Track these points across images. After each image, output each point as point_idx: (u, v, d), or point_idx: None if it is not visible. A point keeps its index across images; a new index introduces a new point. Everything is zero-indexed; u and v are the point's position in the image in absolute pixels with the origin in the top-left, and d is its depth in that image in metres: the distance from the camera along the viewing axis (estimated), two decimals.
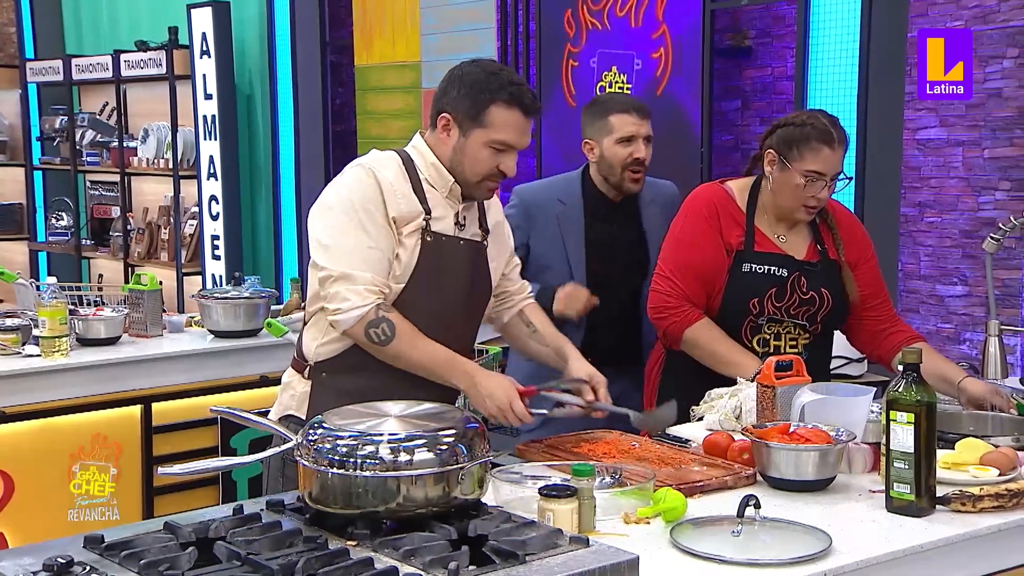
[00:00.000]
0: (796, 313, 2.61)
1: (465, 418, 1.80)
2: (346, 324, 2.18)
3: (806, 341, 2.64)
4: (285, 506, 1.79)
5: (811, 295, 2.61)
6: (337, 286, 2.17)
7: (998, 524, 1.92)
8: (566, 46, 4.93)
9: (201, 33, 6.38)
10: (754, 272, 2.59)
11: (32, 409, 3.39)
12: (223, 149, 6.42)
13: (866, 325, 2.68)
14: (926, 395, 1.93)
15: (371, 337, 2.17)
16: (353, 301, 2.16)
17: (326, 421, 1.77)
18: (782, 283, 2.60)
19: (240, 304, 3.84)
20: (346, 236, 2.18)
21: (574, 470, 1.84)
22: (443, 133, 2.25)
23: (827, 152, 2.49)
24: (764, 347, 2.63)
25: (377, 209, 2.19)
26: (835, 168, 2.51)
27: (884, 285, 2.73)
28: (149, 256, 6.99)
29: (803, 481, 2.04)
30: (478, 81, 2.22)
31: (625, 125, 2.97)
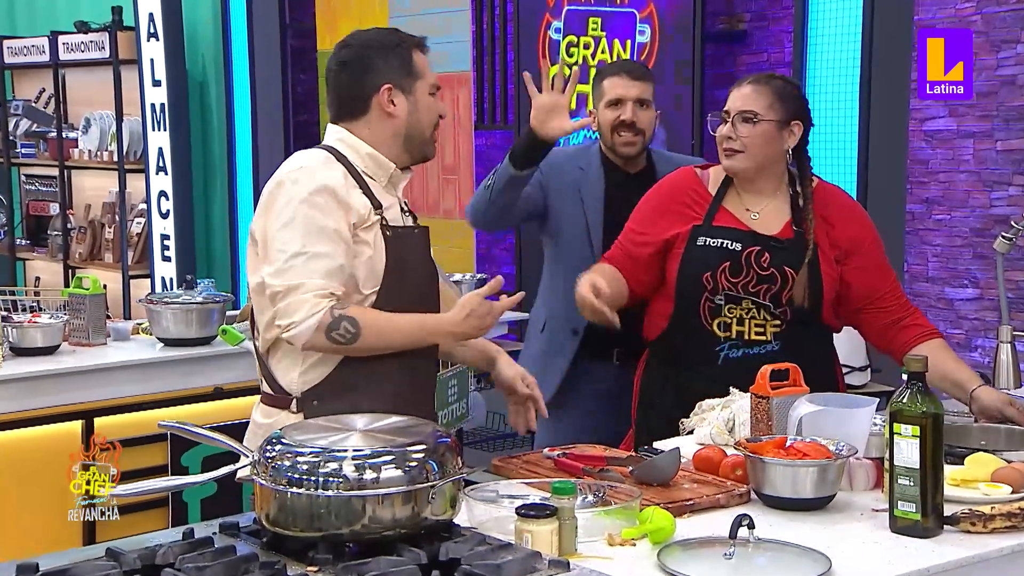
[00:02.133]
0: (756, 291, 2.61)
1: (436, 432, 1.81)
2: (303, 337, 2.19)
3: (776, 329, 2.62)
4: (240, 529, 1.80)
5: (771, 271, 2.60)
6: (284, 300, 2.19)
7: (1011, 545, 1.94)
8: (545, 16, 4.95)
9: (148, 13, 6.36)
10: (707, 245, 2.64)
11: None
12: (173, 141, 6.40)
13: (875, 319, 2.68)
14: (932, 406, 1.95)
15: (336, 340, 2.19)
16: (304, 311, 2.17)
17: (285, 436, 1.77)
18: (736, 257, 2.62)
19: (192, 310, 3.83)
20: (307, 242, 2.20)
21: (554, 488, 1.85)
22: (389, 107, 2.31)
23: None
24: (726, 331, 2.63)
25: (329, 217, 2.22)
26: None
27: (891, 275, 2.72)
28: (92, 257, 6.95)
29: (801, 499, 2.06)
30: (385, 42, 2.34)
31: (614, 87, 3.08)
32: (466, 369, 3.64)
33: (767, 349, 2.61)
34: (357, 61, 2.32)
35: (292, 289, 2.18)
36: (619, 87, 3.08)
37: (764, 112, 2.60)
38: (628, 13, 4.70)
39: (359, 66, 2.32)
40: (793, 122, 2.63)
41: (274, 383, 2.32)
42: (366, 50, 2.32)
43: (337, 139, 2.35)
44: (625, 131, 3.07)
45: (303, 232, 2.20)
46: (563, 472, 2.22)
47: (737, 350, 2.63)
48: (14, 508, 3.46)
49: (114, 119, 6.60)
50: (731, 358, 2.63)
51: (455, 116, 5.38)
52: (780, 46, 4.86)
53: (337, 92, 2.35)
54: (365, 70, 2.31)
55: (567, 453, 2.32)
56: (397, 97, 2.31)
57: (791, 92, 2.66)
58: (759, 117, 2.59)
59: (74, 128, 7.02)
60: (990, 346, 2.72)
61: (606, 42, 4.78)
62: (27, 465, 3.47)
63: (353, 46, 2.35)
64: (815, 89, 4.19)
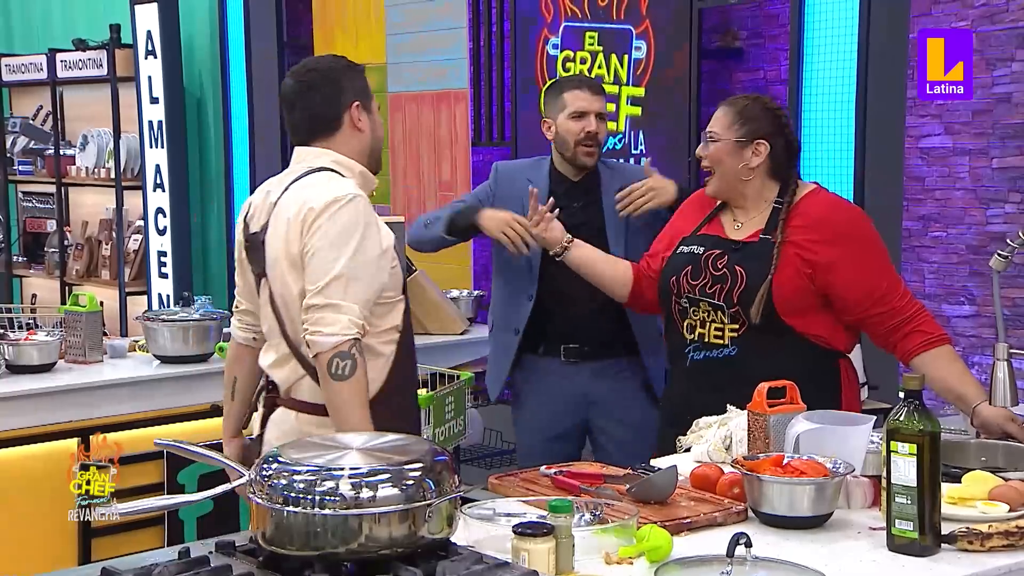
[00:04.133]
0: (712, 292, 2.68)
1: (433, 450, 1.81)
2: (320, 347, 2.30)
3: (734, 333, 2.64)
4: (236, 548, 1.79)
5: (723, 271, 2.68)
6: (320, 313, 2.32)
7: (1008, 564, 1.94)
8: (542, 32, 4.97)
9: (146, 31, 6.38)
10: (679, 252, 2.79)
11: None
12: (171, 157, 6.41)
13: (878, 323, 2.67)
14: (929, 424, 1.95)
15: (332, 367, 2.30)
16: (336, 328, 2.30)
17: (282, 455, 1.77)
18: (697, 260, 2.73)
19: (189, 327, 3.84)
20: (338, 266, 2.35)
21: (551, 506, 1.85)
22: (359, 123, 2.49)
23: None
24: (691, 334, 2.73)
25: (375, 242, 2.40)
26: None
27: (887, 278, 2.68)
28: (88, 274, 6.95)
29: (798, 517, 2.06)
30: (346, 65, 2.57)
31: (577, 100, 3.30)
32: (463, 386, 3.65)
33: (725, 353, 2.67)
34: (327, 82, 2.48)
35: (332, 307, 2.31)
36: (582, 100, 3.30)
37: (723, 132, 2.71)
38: (625, 29, 4.72)
39: (330, 87, 2.48)
40: (757, 141, 2.68)
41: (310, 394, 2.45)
42: (333, 72, 2.50)
43: (334, 161, 2.45)
44: (589, 142, 3.29)
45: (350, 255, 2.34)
46: (560, 490, 2.23)
47: (700, 352, 2.72)
48: (9, 526, 3.46)
49: (112, 136, 6.61)
50: (696, 360, 2.72)
51: (452, 133, 5.39)
52: (776, 63, 4.88)
53: (309, 112, 2.48)
54: (337, 90, 2.47)
55: (564, 471, 2.32)
56: (363, 114, 2.48)
57: (757, 112, 2.71)
58: (716, 136, 2.72)
59: (71, 145, 7.03)
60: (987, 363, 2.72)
61: (603, 57, 4.79)
62: (23, 483, 3.47)
63: (319, 70, 2.52)
64: (811, 106, 4.20)
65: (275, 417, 2.53)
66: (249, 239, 2.53)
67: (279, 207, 2.46)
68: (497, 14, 5.23)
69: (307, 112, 2.49)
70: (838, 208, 2.77)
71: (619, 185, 3.35)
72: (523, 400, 3.49)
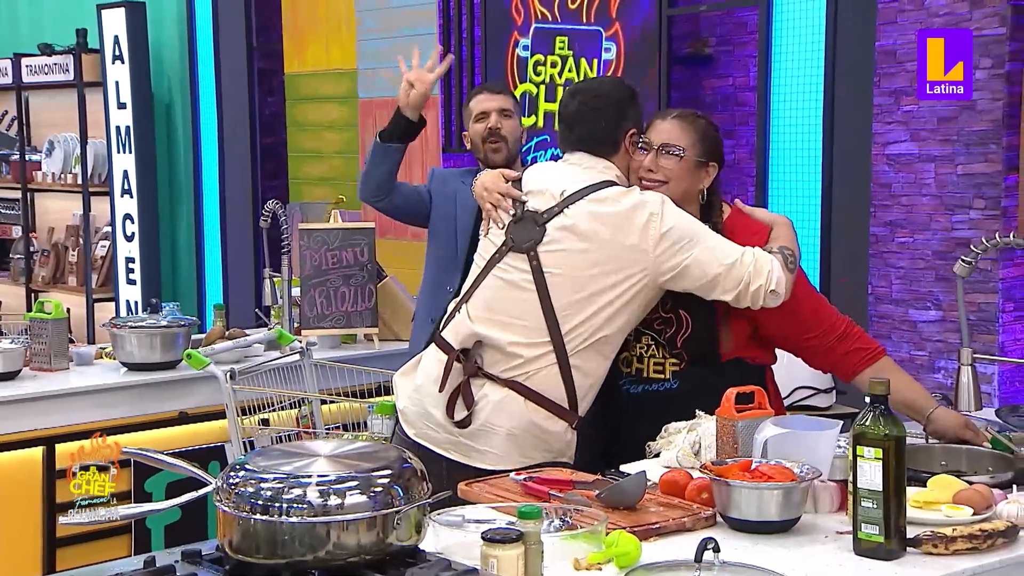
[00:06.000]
0: (658, 330, 2.62)
1: (401, 457, 1.81)
2: (783, 288, 2.50)
3: (675, 367, 2.62)
4: (202, 557, 1.78)
5: (669, 315, 2.61)
6: (746, 265, 2.49)
7: (972, 567, 1.96)
8: (513, 35, 4.98)
9: (113, 36, 6.34)
10: None
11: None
12: (139, 163, 6.38)
13: (812, 351, 2.65)
14: (895, 429, 1.97)
15: (791, 271, 2.53)
16: (773, 268, 2.49)
17: (249, 463, 1.77)
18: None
19: (157, 333, 3.81)
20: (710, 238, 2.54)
21: (520, 512, 1.85)
22: (630, 147, 2.65)
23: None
24: (627, 367, 2.65)
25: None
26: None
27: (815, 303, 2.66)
28: (55, 281, 6.90)
29: (766, 522, 2.07)
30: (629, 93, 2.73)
31: (479, 104, 3.45)
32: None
33: (665, 387, 2.62)
34: (614, 107, 2.63)
35: (740, 259, 2.49)
36: (483, 102, 3.44)
37: (689, 148, 2.62)
38: (594, 31, 4.74)
39: (615, 111, 2.63)
40: (711, 163, 2.65)
41: (572, 395, 2.51)
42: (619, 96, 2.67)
43: (616, 175, 2.61)
44: (492, 138, 3.39)
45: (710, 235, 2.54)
46: (530, 496, 2.23)
47: (636, 386, 2.65)
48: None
49: (78, 142, 6.57)
50: (633, 393, 2.65)
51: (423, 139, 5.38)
52: (745, 70, 4.91)
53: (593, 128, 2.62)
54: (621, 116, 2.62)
55: (534, 477, 2.33)
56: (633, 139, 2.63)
57: (712, 134, 2.67)
58: (684, 152, 2.61)
59: (37, 151, 6.98)
60: (953, 367, 2.74)
61: (573, 61, 4.82)
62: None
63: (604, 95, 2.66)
64: (779, 112, 4.24)
65: (495, 396, 2.50)
66: (526, 215, 2.58)
67: (589, 207, 2.53)
68: (468, 20, 5.24)
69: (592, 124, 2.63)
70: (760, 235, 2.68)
71: None
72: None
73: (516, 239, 2.56)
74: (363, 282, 4.13)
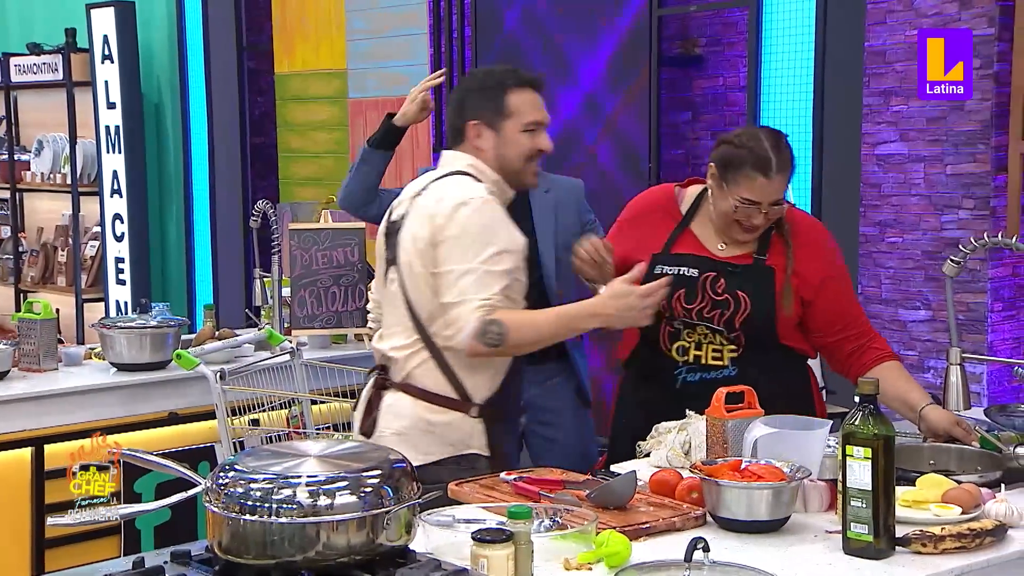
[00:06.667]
0: (710, 316, 2.63)
1: (391, 457, 1.81)
2: (464, 343, 2.38)
3: (733, 354, 2.65)
4: (192, 557, 1.78)
5: (725, 296, 2.63)
6: (453, 312, 2.40)
7: (960, 566, 1.97)
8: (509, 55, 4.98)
9: (103, 35, 6.32)
10: (664, 274, 2.64)
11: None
12: (128, 163, 6.36)
13: (840, 346, 2.72)
14: (883, 428, 1.97)
15: (488, 343, 2.37)
16: (464, 320, 2.37)
17: (239, 463, 1.76)
18: (692, 283, 2.64)
19: (146, 334, 3.80)
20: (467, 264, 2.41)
21: (510, 512, 1.85)
22: (477, 139, 2.54)
23: (762, 181, 2.56)
24: (683, 356, 2.67)
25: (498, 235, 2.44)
26: (770, 196, 2.58)
27: (857, 304, 2.79)
28: (44, 281, 6.87)
29: (755, 522, 2.07)
30: (488, 79, 2.59)
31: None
32: None
33: (724, 374, 2.64)
34: (456, 94, 2.60)
35: (461, 303, 2.39)
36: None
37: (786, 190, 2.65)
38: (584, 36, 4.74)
39: (458, 99, 2.58)
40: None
41: (459, 387, 2.47)
42: (461, 85, 2.63)
43: (469, 164, 2.55)
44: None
45: (483, 257, 2.40)
46: (520, 496, 2.23)
47: (695, 374, 2.66)
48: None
49: (67, 142, 6.54)
50: (689, 382, 2.66)
51: (414, 139, 5.39)
52: (735, 70, 4.92)
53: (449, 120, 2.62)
54: (462, 105, 2.57)
55: (524, 477, 2.33)
56: (484, 132, 2.53)
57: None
58: (786, 198, 2.65)
59: (26, 150, 6.95)
60: (942, 367, 2.75)
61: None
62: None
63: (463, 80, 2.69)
64: (769, 112, 4.25)
65: (388, 401, 2.54)
66: (388, 227, 2.61)
67: (418, 201, 2.53)
68: (458, 20, 5.24)
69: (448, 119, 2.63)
70: (820, 228, 2.79)
71: (545, 189, 3.40)
72: None
73: (388, 253, 2.60)
74: (353, 282, 4.12)
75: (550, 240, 3.39)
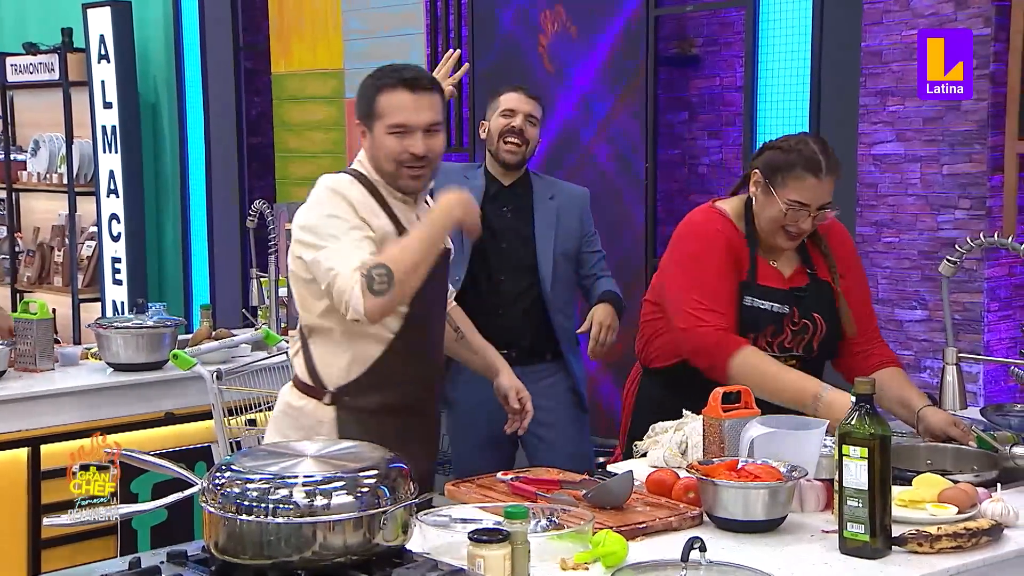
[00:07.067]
0: (790, 346, 2.66)
1: (388, 457, 1.81)
2: (358, 312, 2.28)
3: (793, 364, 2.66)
4: (188, 557, 1.78)
5: (803, 323, 2.66)
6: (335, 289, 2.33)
7: (956, 566, 1.97)
8: (508, 54, 4.98)
9: (99, 35, 6.31)
10: (756, 307, 2.63)
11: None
12: (125, 163, 6.35)
13: (849, 347, 2.73)
14: (880, 428, 1.98)
15: (379, 289, 2.28)
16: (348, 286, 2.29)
17: (235, 463, 1.76)
18: (780, 320, 2.65)
19: (143, 334, 3.79)
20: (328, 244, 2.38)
21: (507, 512, 1.85)
22: (362, 140, 2.52)
23: (812, 182, 2.57)
24: None
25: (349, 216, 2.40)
26: (820, 198, 2.58)
27: (871, 305, 2.83)
28: (40, 281, 6.87)
29: (752, 521, 2.07)
30: (368, 79, 2.55)
31: (509, 100, 3.45)
32: None
33: None
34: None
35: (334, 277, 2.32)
36: (514, 101, 3.43)
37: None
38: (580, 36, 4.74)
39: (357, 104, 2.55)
40: None
41: (314, 373, 2.47)
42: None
43: (359, 160, 2.54)
44: (512, 138, 3.39)
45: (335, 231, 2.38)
46: (517, 496, 2.23)
47: None
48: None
49: (64, 141, 6.53)
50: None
51: None
52: (732, 70, 4.93)
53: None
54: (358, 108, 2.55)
55: (521, 477, 2.33)
56: (365, 132, 2.51)
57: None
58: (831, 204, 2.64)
59: (22, 150, 6.95)
60: (939, 367, 2.75)
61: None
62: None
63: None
64: (765, 112, 4.25)
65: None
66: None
67: None
68: (455, 20, 5.24)
69: None
70: (840, 227, 2.79)
71: (550, 195, 3.47)
72: (454, 407, 3.52)
73: None
74: None
75: (549, 246, 3.41)
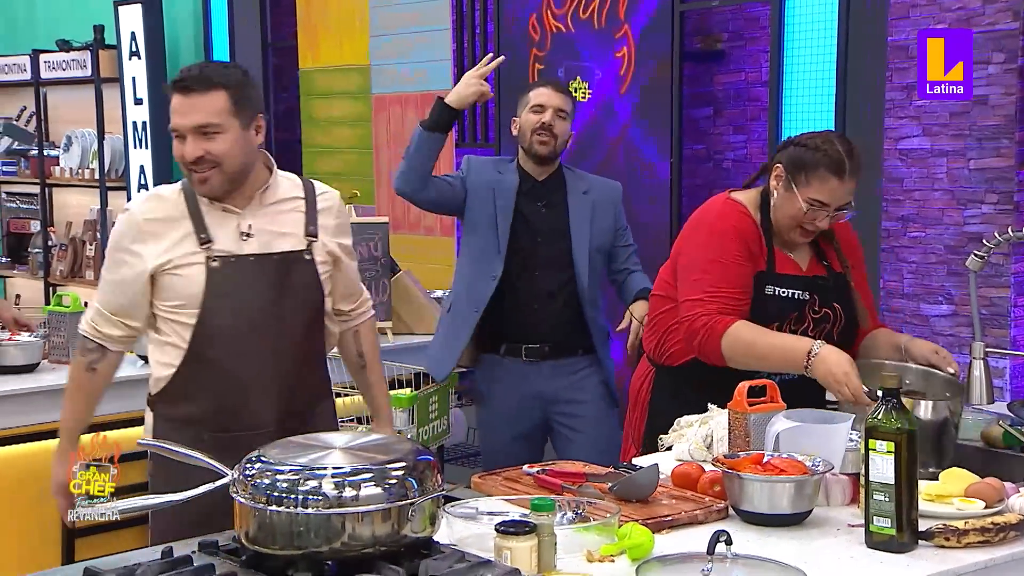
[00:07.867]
0: (813, 335, 2.64)
1: (416, 449, 1.81)
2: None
3: None
4: (219, 548, 1.79)
5: (824, 311, 2.67)
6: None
7: (984, 560, 1.95)
8: (532, 51, 4.97)
9: (130, 32, 6.35)
10: (777, 296, 2.63)
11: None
12: (155, 158, 6.39)
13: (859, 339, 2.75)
14: (907, 422, 1.97)
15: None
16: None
17: (265, 455, 1.77)
18: (802, 307, 2.65)
19: None
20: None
21: (533, 505, 1.85)
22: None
23: (835, 183, 2.57)
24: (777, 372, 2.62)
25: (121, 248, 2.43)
26: (841, 199, 2.59)
27: (871, 294, 2.86)
28: (73, 275, 6.92)
29: (778, 515, 2.07)
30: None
31: (539, 96, 3.49)
32: (447, 386, 3.65)
33: (790, 376, 2.59)
34: None
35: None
36: (543, 96, 3.47)
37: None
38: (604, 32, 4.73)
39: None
40: None
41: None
42: None
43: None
44: (542, 132, 3.43)
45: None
46: (543, 488, 2.23)
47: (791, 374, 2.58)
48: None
49: (95, 137, 6.58)
50: (787, 379, 2.57)
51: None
52: (757, 65, 4.90)
53: None
54: None
55: (547, 469, 2.33)
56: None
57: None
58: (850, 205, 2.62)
59: (55, 146, 7.00)
60: (964, 361, 2.73)
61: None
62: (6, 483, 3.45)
63: None
64: (791, 107, 4.23)
65: None
66: None
67: None
68: (481, 16, 5.24)
69: None
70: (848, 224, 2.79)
71: (584, 189, 3.49)
72: (486, 401, 3.53)
73: None
74: (377, 276, 4.13)
75: (585, 241, 3.42)
